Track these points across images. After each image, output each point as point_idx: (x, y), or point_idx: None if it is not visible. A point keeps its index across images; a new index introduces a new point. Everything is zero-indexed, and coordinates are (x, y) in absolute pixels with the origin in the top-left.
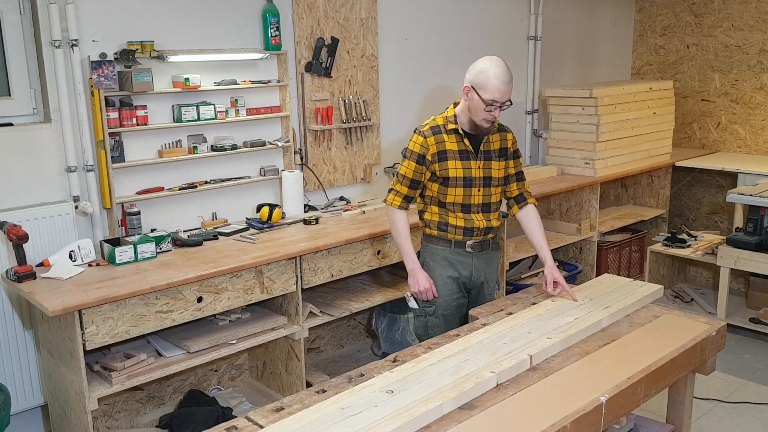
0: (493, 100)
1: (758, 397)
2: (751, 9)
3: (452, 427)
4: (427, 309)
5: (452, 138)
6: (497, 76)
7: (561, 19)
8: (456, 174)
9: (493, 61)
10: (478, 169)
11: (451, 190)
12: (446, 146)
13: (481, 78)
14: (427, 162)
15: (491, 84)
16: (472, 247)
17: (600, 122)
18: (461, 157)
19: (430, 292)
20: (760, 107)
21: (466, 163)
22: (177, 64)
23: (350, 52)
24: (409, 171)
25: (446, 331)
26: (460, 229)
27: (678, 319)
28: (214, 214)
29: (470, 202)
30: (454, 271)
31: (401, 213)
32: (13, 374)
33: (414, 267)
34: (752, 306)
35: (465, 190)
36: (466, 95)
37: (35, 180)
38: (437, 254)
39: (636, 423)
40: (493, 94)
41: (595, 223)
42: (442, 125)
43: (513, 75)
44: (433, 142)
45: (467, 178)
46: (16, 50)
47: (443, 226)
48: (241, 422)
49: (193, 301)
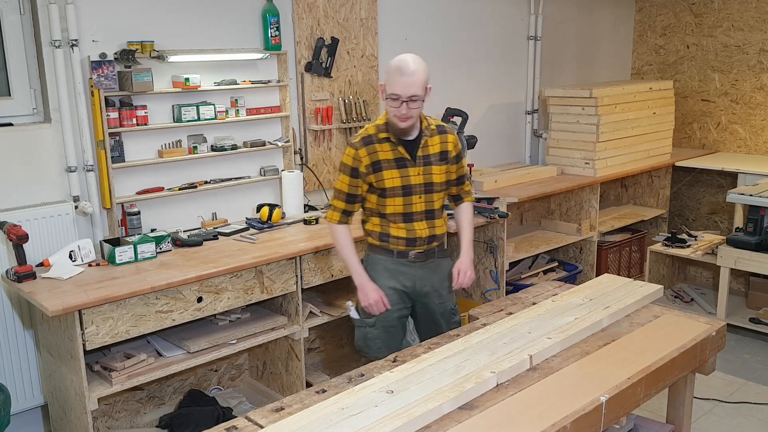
0: (394, 94)
1: (758, 397)
2: (751, 9)
3: (452, 427)
4: (367, 320)
5: (386, 147)
6: (398, 69)
7: (561, 19)
8: (393, 184)
9: (402, 55)
10: (418, 176)
11: (390, 201)
12: (380, 156)
13: (387, 73)
14: (362, 174)
15: (392, 77)
16: (415, 256)
17: (600, 122)
18: (398, 165)
19: (380, 303)
20: (760, 107)
21: (404, 171)
22: (177, 64)
23: (350, 52)
24: (344, 185)
25: (388, 343)
26: (402, 239)
27: (678, 319)
28: (214, 214)
29: (411, 211)
30: (396, 281)
31: (341, 228)
32: (13, 374)
33: (363, 281)
34: (752, 306)
35: (405, 199)
36: (381, 93)
37: (35, 180)
38: (379, 264)
39: (636, 423)
40: (393, 88)
41: (595, 223)
42: (373, 134)
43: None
44: (365, 154)
45: (406, 187)
46: (16, 50)
47: (385, 237)
48: (241, 422)
49: (193, 301)
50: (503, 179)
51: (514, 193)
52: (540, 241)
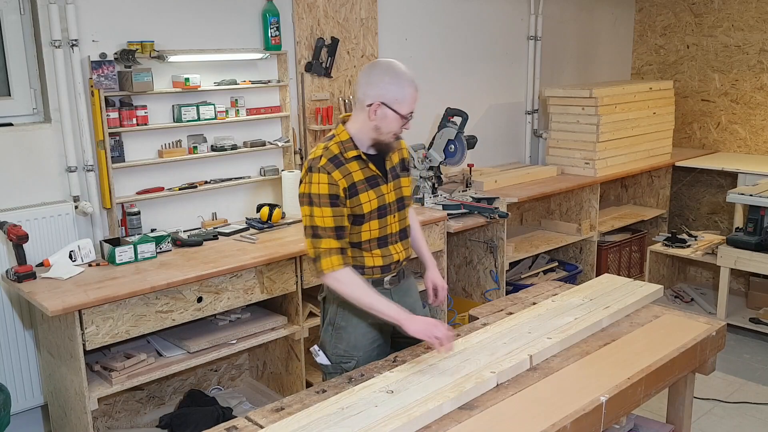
0: (410, 112)
1: (758, 397)
2: (751, 9)
3: (452, 427)
4: (344, 365)
5: (355, 166)
6: (410, 83)
7: (561, 19)
8: (371, 207)
9: (394, 67)
10: (390, 192)
11: (366, 226)
12: (354, 178)
13: (393, 91)
14: (341, 201)
15: (408, 94)
16: (390, 282)
17: (600, 122)
18: (371, 185)
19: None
20: (760, 107)
21: (378, 191)
22: (177, 64)
23: (350, 52)
24: (328, 219)
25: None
26: (378, 268)
27: (678, 319)
28: (214, 214)
29: (387, 233)
30: (372, 316)
31: (348, 271)
32: (13, 374)
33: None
34: (752, 306)
35: (381, 222)
36: (374, 113)
37: (35, 180)
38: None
39: (636, 423)
40: (411, 105)
41: (595, 223)
42: (339, 154)
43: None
44: (340, 176)
45: (382, 207)
46: (16, 50)
47: (359, 269)
48: (241, 422)
49: (193, 301)
50: (503, 179)
51: (514, 193)
52: (540, 241)
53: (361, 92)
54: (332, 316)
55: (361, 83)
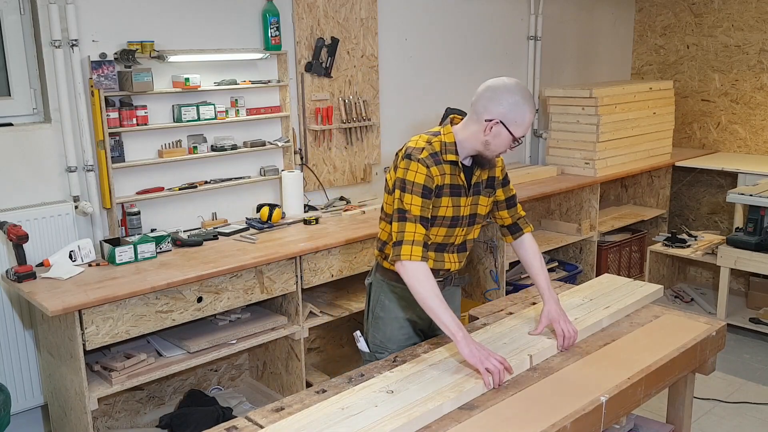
0: (522, 136)
1: (758, 397)
2: (751, 9)
3: (452, 427)
4: (378, 355)
5: (448, 169)
6: (531, 109)
7: (561, 19)
8: (445, 213)
9: (520, 89)
10: (467, 206)
11: (434, 230)
12: (445, 179)
13: (516, 112)
14: (432, 196)
15: (527, 119)
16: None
17: (600, 122)
18: (452, 193)
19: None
20: (760, 107)
21: (456, 200)
22: (177, 64)
23: (350, 52)
24: (416, 208)
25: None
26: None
27: (678, 319)
28: (214, 214)
29: (448, 242)
30: (412, 313)
31: (423, 267)
32: (13, 374)
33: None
34: (752, 306)
35: (448, 230)
36: (489, 129)
37: (35, 180)
38: (395, 292)
39: (636, 423)
40: (526, 130)
41: (595, 223)
42: (440, 152)
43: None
44: (437, 173)
45: (455, 218)
46: (16, 50)
47: None
48: (241, 422)
49: (193, 301)
50: None
51: None
52: (540, 241)
53: (481, 105)
54: (374, 305)
55: (484, 96)
